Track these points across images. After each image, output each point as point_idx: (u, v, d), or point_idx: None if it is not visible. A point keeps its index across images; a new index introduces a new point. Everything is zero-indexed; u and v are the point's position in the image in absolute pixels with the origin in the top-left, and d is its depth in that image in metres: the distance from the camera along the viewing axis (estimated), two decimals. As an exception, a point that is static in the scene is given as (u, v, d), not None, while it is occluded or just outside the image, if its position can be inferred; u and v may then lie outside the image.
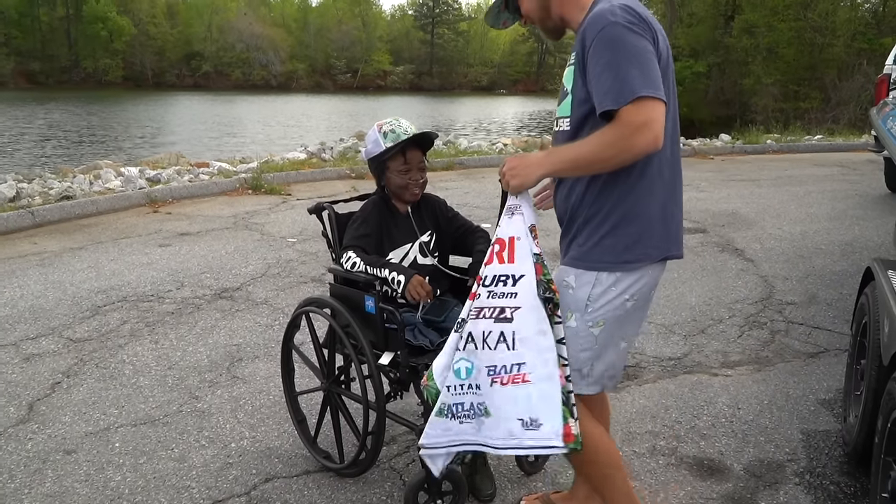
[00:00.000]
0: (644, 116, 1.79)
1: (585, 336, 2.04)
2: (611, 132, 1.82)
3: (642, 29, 1.85)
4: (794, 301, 4.87)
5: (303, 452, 2.99)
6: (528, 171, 1.97)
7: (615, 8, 1.86)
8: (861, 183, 9.35)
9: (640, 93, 1.78)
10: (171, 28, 74.68)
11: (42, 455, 3.02)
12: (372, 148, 2.69)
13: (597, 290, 2.00)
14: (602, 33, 1.84)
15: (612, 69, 1.81)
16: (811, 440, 3.11)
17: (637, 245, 1.98)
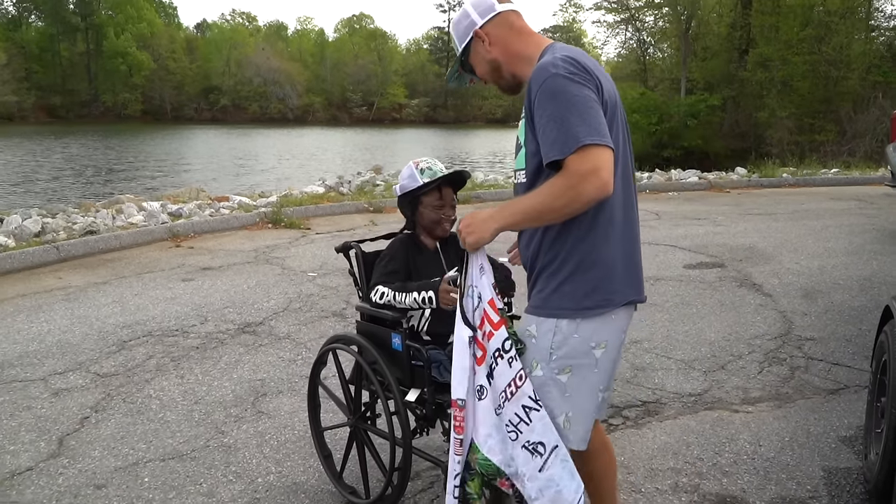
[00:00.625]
0: (590, 164, 1.81)
1: (554, 385, 2.03)
2: (559, 182, 1.85)
3: (584, 79, 1.89)
4: (813, 337, 4.88)
5: (329, 488, 3.03)
6: (483, 226, 2.01)
7: (556, 60, 1.91)
8: (878, 217, 9.35)
9: (585, 141, 1.81)
10: (190, 63, 76.17)
11: (73, 490, 3.08)
12: (407, 183, 2.77)
13: (558, 338, 2.00)
14: (544, 85, 1.88)
15: (555, 120, 1.85)
16: (832, 477, 3.11)
17: (596, 291, 1.99)
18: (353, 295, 5.94)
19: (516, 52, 2.11)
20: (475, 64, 2.21)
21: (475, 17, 2.13)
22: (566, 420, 2.04)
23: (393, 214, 10.09)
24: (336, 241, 8.12)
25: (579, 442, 2.08)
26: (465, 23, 2.16)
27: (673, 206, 10.76)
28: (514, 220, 1.99)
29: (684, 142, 25.70)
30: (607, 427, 3.60)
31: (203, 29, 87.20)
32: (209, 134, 51.37)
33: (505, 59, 2.13)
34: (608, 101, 1.95)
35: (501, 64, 2.15)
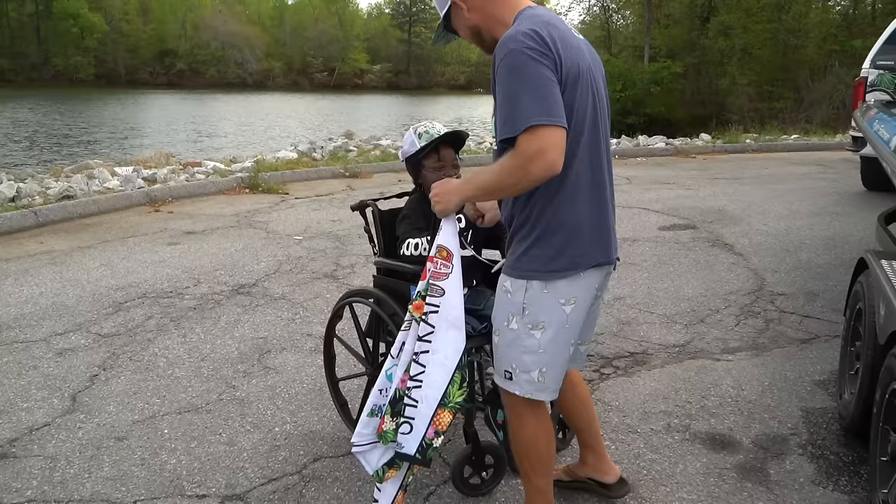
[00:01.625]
0: (537, 145, 1.90)
1: (527, 338, 2.17)
2: (508, 162, 1.97)
3: (541, 54, 1.94)
4: (784, 292, 5.16)
5: (345, 434, 3.20)
6: (448, 197, 2.21)
7: (518, 34, 1.97)
8: (838, 181, 9.73)
9: (533, 121, 1.89)
10: (145, 25, 73.98)
11: (95, 442, 3.20)
12: (408, 148, 2.90)
13: (530, 295, 2.13)
14: (504, 61, 1.97)
15: (509, 98, 1.95)
16: (810, 416, 3.38)
17: (562, 254, 2.10)
18: (342, 256, 6.08)
19: (494, 17, 2.18)
20: (457, 28, 2.30)
21: None
22: (540, 374, 2.21)
23: (369, 180, 10.18)
24: (316, 205, 8.24)
25: (551, 394, 2.27)
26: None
27: (643, 170, 11.02)
28: (474, 195, 2.20)
29: (648, 109, 26.03)
30: (600, 376, 3.83)
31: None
32: (165, 99, 50.27)
33: (484, 23, 2.21)
34: (568, 70, 1.99)
35: (481, 28, 2.23)
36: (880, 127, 4.20)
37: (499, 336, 2.26)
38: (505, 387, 2.29)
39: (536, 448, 2.36)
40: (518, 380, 2.23)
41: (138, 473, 2.96)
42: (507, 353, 2.23)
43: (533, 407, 2.30)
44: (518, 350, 2.19)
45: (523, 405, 2.29)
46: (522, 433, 2.34)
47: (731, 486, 2.84)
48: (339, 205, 8.26)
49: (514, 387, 2.25)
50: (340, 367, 3.38)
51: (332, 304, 4.80)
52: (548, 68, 1.95)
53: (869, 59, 8.04)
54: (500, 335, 2.25)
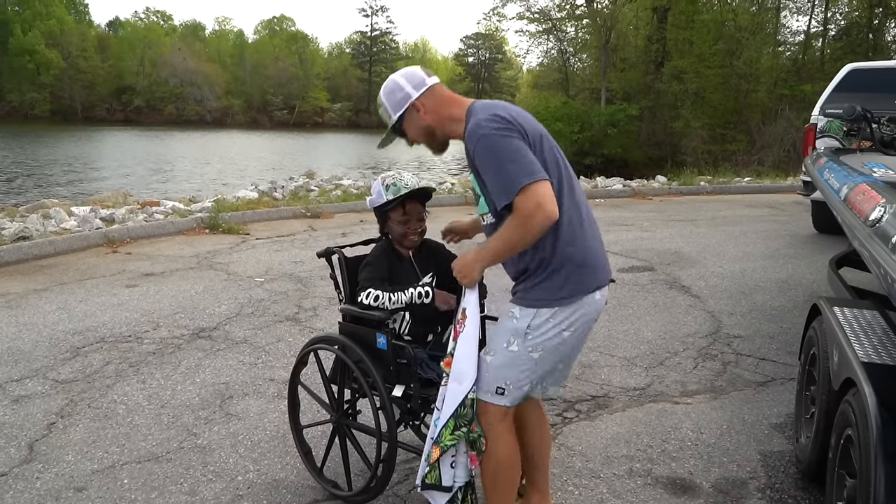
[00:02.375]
0: (533, 201, 2.21)
1: (525, 359, 2.41)
2: (512, 222, 2.27)
3: (508, 130, 2.28)
4: (740, 335, 5.28)
5: (309, 483, 3.18)
6: (471, 269, 2.44)
7: (482, 121, 2.30)
8: (791, 223, 10.02)
9: (522, 182, 2.21)
10: (102, 62, 73.50)
11: (54, 493, 3.13)
12: (375, 198, 2.96)
13: (536, 322, 2.38)
14: (479, 146, 2.29)
15: (495, 173, 2.27)
16: (768, 460, 3.46)
17: (567, 283, 2.37)
18: (304, 299, 6.06)
19: (447, 115, 2.47)
20: (408, 129, 2.54)
21: (410, 90, 2.48)
22: (530, 385, 2.47)
23: (330, 220, 10.19)
24: (277, 246, 8.21)
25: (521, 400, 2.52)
26: (399, 94, 2.50)
27: (601, 212, 11.22)
28: (493, 259, 2.41)
29: (605, 149, 26.61)
30: (562, 420, 3.87)
31: (115, 27, 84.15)
32: (123, 136, 49.81)
33: (438, 123, 2.49)
34: (532, 137, 2.33)
35: (435, 128, 2.50)
36: (830, 176, 4.37)
37: (492, 356, 2.46)
38: (494, 401, 2.46)
39: (509, 467, 2.55)
40: (510, 394, 2.45)
41: (97, 526, 2.89)
42: (500, 371, 2.44)
43: (509, 428, 2.52)
44: (515, 369, 2.43)
45: (501, 424, 2.49)
46: (498, 452, 2.50)
47: (693, 531, 2.88)
48: (301, 246, 8.24)
49: (505, 400, 2.46)
50: (304, 414, 3.36)
51: (294, 347, 4.81)
52: (516, 139, 2.28)
53: (818, 106, 8.36)
54: (496, 355, 2.45)
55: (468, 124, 2.37)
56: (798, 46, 28.97)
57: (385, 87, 2.55)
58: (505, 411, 2.49)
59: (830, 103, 7.95)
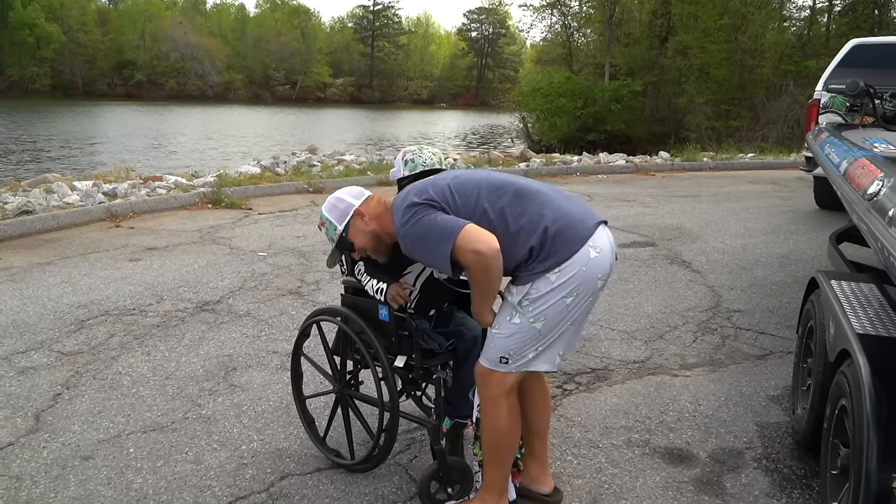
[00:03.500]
0: (468, 252, 2.35)
1: (528, 329, 2.47)
2: (472, 275, 2.45)
3: (415, 213, 2.44)
4: (740, 309, 5.32)
5: (312, 452, 3.23)
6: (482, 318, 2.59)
7: (397, 223, 2.51)
8: (792, 199, 10.02)
9: (448, 246, 2.36)
10: (103, 36, 73.05)
11: (60, 462, 3.18)
12: (395, 171, 3.04)
13: (533, 294, 2.44)
14: (403, 240, 2.52)
15: (429, 258, 2.51)
16: (765, 431, 3.51)
17: (550, 257, 2.43)
18: (306, 273, 6.10)
19: (387, 221, 2.61)
20: (354, 237, 2.69)
21: (351, 200, 2.69)
22: (535, 353, 2.52)
23: (333, 195, 10.18)
24: (280, 221, 8.23)
25: (548, 365, 2.58)
26: (342, 206, 2.69)
27: (603, 188, 11.22)
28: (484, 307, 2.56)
29: (608, 126, 26.49)
30: (562, 391, 3.91)
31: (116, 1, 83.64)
32: (124, 110, 49.70)
33: (380, 226, 2.64)
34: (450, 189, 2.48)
35: (379, 231, 2.65)
36: (831, 151, 4.38)
37: (497, 329, 2.52)
38: (497, 368, 2.52)
39: (510, 439, 2.61)
40: (513, 362, 2.51)
41: (104, 493, 2.95)
42: (505, 342, 2.50)
43: (511, 397, 2.56)
44: (518, 339, 2.49)
45: (505, 396, 2.54)
46: (500, 423, 2.56)
47: (688, 500, 2.93)
48: (303, 220, 8.26)
49: (508, 367, 2.52)
50: (307, 385, 3.41)
51: (297, 320, 4.85)
52: (427, 215, 2.43)
53: (822, 82, 8.32)
54: (501, 328, 2.51)
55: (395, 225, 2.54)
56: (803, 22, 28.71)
57: (326, 205, 2.74)
58: (510, 384, 2.53)
59: (834, 79, 7.92)
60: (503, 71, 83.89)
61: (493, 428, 2.57)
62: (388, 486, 3.00)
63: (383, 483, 3.01)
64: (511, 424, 2.58)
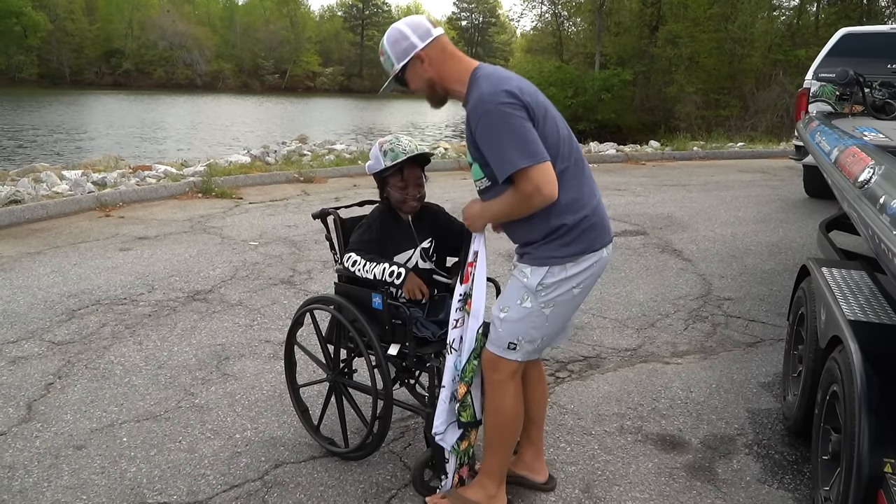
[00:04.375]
0: (532, 185, 2.27)
1: (538, 315, 2.47)
2: (512, 197, 2.34)
3: (513, 105, 2.27)
4: (730, 297, 5.35)
5: (306, 440, 3.23)
6: (475, 219, 2.53)
7: (485, 95, 2.30)
8: (782, 188, 10.07)
9: (520, 166, 2.25)
10: (90, 24, 72.32)
11: (53, 451, 3.17)
12: (373, 164, 2.93)
13: (548, 279, 2.44)
14: (482, 121, 2.30)
15: (496, 151, 2.29)
16: (756, 417, 3.53)
17: (577, 242, 2.43)
18: (298, 262, 6.08)
19: (449, 73, 2.46)
20: (410, 79, 2.52)
21: (415, 40, 2.45)
22: (541, 341, 2.55)
23: (324, 185, 10.17)
24: (271, 210, 8.21)
25: (539, 354, 2.65)
26: (404, 44, 2.46)
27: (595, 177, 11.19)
28: (493, 218, 2.51)
29: (598, 115, 26.52)
30: (555, 379, 3.93)
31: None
32: (111, 99, 49.27)
33: (440, 78, 2.47)
34: (537, 110, 2.34)
35: (436, 82, 2.49)
36: (822, 139, 4.40)
37: (506, 312, 2.50)
38: (506, 356, 2.51)
39: (514, 424, 2.64)
40: (521, 349, 2.51)
41: (98, 482, 2.95)
42: (515, 327, 2.49)
43: (517, 383, 2.58)
44: (527, 324, 2.48)
45: (511, 381, 2.55)
46: (505, 408, 2.57)
47: (680, 486, 2.95)
48: (294, 210, 8.24)
49: (517, 354, 2.51)
50: (300, 374, 3.41)
51: (289, 310, 4.85)
52: (520, 117, 2.27)
53: (812, 70, 8.34)
54: (510, 311, 2.49)
55: (471, 92, 2.37)
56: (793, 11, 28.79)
57: (389, 35, 2.50)
58: (516, 368, 2.54)
59: (824, 68, 7.93)
60: (493, 60, 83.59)
61: (499, 410, 2.58)
62: (382, 473, 3.00)
63: (377, 471, 3.02)
64: (516, 408, 2.60)
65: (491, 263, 3.15)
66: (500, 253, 6.15)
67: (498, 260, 5.91)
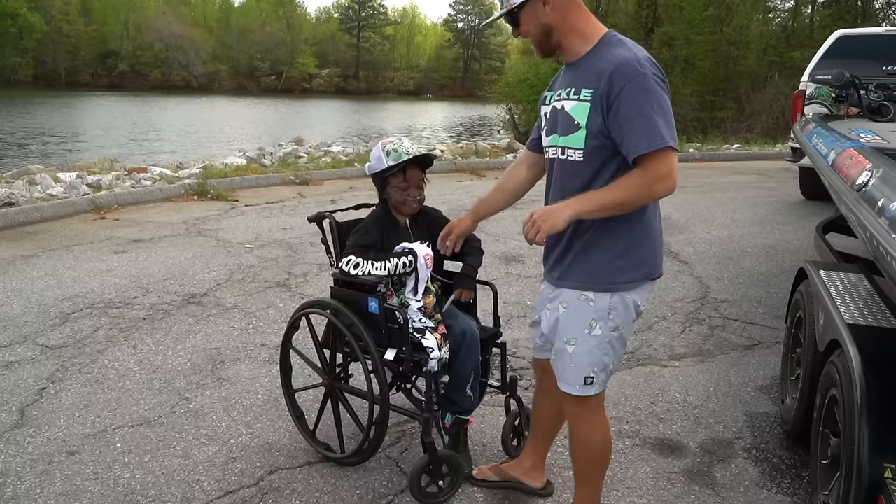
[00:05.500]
0: (667, 167, 2.06)
1: (608, 341, 2.29)
2: (637, 181, 2.08)
3: (663, 84, 2.12)
4: (727, 299, 5.34)
5: (302, 445, 3.21)
6: (558, 214, 2.14)
7: (641, 59, 2.10)
8: (778, 190, 10.07)
9: (668, 143, 2.05)
10: (86, 26, 72.22)
11: (46, 457, 3.14)
12: (375, 164, 2.91)
13: (615, 302, 2.25)
14: (634, 83, 2.07)
15: (643, 117, 2.05)
16: (754, 421, 3.52)
17: (642, 265, 2.26)
18: (294, 265, 6.06)
19: (572, 25, 2.23)
20: (525, 20, 2.27)
21: None
22: (613, 367, 2.38)
23: (320, 187, 10.14)
24: (266, 213, 8.18)
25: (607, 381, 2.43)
26: None
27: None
28: (590, 210, 2.15)
29: (595, 116, 26.41)
30: (552, 384, 3.90)
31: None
32: (107, 101, 49.16)
33: (559, 26, 2.23)
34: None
35: (554, 29, 2.24)
36: (819, 142, 4.39)
37: (575, 345, 2.30)
38: (584, 393, 2.34)
39: (605, 452, 2.50)
40: (598, 380, 2.34)
41: (91, 488, 2.92)
42: (587, 358, 2.30)
43: (602, 409, 2.46)
44: (600, 353, 2.30)
45: (597, 408, 2.43)
46: (596, 436, 2.45)
47: (679, 490, 2.93)
48: (290, 212, 8.21)
49: (595, 388, 2.35)
50: (296, 378, 3.38)
51: (285, 313, 4.82)
52: (667, 97, 2.11)
53: (807, 72, 8.35)
54: (579, 343, 2.29)
55: (608, 53, 2.15)
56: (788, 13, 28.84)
57: None
58: (600, 398, 2.40)
59: (819, 70, 7.95)
60: (489, 62, 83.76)
61: (588, 445, 2.45)
62: (378, 479, 2.98)
63: (374, 476, 2.99)
64: (606, 438, 2.47)
65: (487, 266, 3.12)
66: (497, 255, 6.13)
67: (495, 262, 5.89)
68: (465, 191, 9.70)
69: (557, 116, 2.29)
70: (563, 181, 2.30)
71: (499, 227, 7.25)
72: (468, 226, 2.81)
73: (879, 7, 26.91)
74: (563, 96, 2.27)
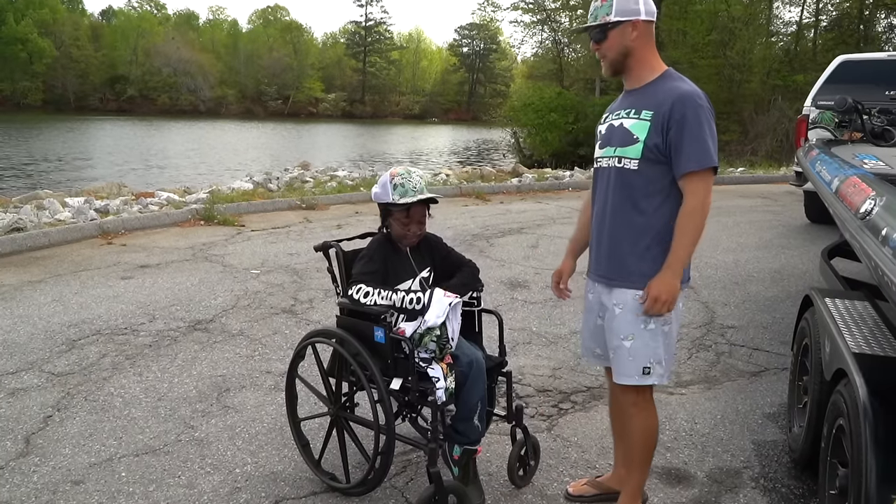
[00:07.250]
0: (708, 186, 2.48)
1: (662, 334, 2.60)
2: (691, 207, 2.47)
3: (713, 114, 2.50)
4: (734, 325, 5.32)
5: (307, 475, 3.20)
6: (671, 288, 2.50)
7: (700, 93, 2.50)
8: (783, 214, 10.07)
9: (713, 164, 2.46)
10: (95, 51, 73.22)
11: (50, 486, 3.14)
12: (381, 192, 2.94)
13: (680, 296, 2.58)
14: (696, 111, 2.45)
15: (699, 141, 2.44)
16: (762, 449, 3.50)
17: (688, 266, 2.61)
18: (300, 291, 6.07)
19: (645, 55, 2.59)
20: (612, 37, 2.58)
21: (643, 7, 2.55)
22: (667, 360, 2.64)
23: (326, 212, 10.18)
24: (273, 238, 8.21)
25: (669, 376, 2.70)
26: (632, 5, 2.54)
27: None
28: (683, 260, 2.53)
29: (599, 140, 26.51)
30: (558, 411, 3.89)
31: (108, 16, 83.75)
32: (115, 125, 49.59)
33: (637, 52, 2.58)
34: None
35: (632, 54, 2.58)
36: (822, 168, 4.40)
37: (632, 340, 2.58)
38: (642, 382, 2.61)
39: (656, 436, 2.76)
40: (654, 371, 2.60)
41: (96, 519, 2.91)
42: (644, 351, 2.58)
43: (653, 398, 2.73)
44: (655, 345, 2.58)
45: (649, 398, 2.70)
46: (650, 423, 2.71)
47: (687, 521, 2.91)
48: (297, 238, 8.24)
49: (652, 378, 2.61)
50: (302, 406, 3.38)
51: (291, 339, 4.82)
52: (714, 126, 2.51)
53: (810, 97, 8.38)
54: (636, 338, 2.58)
55: (670, 84, 2.52)
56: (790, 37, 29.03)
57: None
58: (651, 388, 2.68)
59: (822, 94, 7.98)
60: (494, 86, 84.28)
61: (648, 429, 2.70)
62: None
63: (379, 506, 2.98)
64: (657, 426, 2.75)
65: (492, 291, 3.13)
66: (503, 281, 6.13)
67: (500, 288, 5.89)
68: (470, 215, 9.72)
69: (614, 132, 2.63)
70: (617, 188, 2.61)
71: (504, 252, 7.26)
72: (572, 266, 3.01)
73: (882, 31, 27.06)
74: (621, 116, 2.62)
